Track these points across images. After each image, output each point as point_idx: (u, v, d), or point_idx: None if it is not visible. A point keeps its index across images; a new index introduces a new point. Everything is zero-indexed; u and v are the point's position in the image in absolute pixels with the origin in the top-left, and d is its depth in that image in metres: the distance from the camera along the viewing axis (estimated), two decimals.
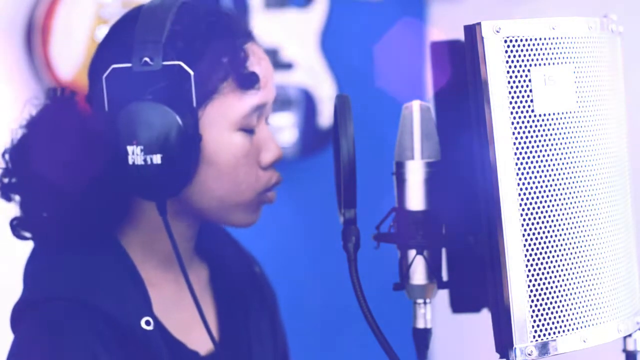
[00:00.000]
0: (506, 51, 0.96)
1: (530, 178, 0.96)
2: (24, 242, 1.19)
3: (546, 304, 0.96)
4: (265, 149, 1.20)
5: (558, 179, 0.96)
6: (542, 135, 0.96)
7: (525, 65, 0.96)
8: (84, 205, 1.14)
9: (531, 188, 0.95)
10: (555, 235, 0.96)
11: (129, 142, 1.09)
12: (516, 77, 0.96)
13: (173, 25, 1.13)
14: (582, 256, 0.97)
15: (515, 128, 0.95)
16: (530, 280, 0.95)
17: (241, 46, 1.16)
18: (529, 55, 0.96)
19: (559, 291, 0.96)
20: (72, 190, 1.12)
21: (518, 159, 0.95)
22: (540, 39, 0.96)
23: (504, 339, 0.96)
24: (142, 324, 1.13)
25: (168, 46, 1.12)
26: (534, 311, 0.96)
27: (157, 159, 1.09)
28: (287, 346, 1.42)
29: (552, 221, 0.96)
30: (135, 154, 1.09)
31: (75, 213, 1.14)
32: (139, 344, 1.12)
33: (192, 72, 1.10)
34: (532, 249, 0.96)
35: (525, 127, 0.96)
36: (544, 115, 0.96)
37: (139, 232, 1.20)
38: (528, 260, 0.95)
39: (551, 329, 0.96)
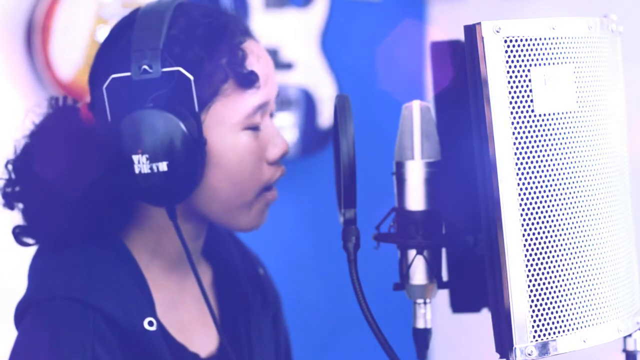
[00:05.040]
0: (506, 51, 0.95)
1: (530, 178, 0.95)
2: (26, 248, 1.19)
3: (546, 304, 0.96)
4: (272, 144, 1.19)
5: (558, 179, 0.96)
6: (542, 135, 0.96)
7: (525, 65, 0.96)
8: (88, 212, 1.13)
9: (531, 188, 0.95)
10: (555, 235, 0.96)
11: (134, 152, 1.09)
12: (516, 77, 0.96)
13: (169, 30, 1.13)
14: (582, 256, 0.97)
15: (515, 128, 0.95)
16: (530, 281, 0.95)
17: (239, 46, 1.16)
18: (529, 55, 0.96)
19: (559, 291, 0.96)
20: (76, 198, 1.12)
21: (518, 159, 0.95)
22: (540, 39, 0.96)
23: (504, 339, 0.96)
24: (145, 324, 1.13)
25: (166, 52, 1.11)
26: (534, 311, 0.95)
27: (163, 166, 1.09)
28: (290, 348, 1.42)
29: (552, 221, 0.96)
30: (141, 163, 1.09)
31: (79, 220, 1.14)
32: (140, 344, 1.12)
33: (192, 77, 1.10)
34: (532, 249, 0.95)
35: (525, 127, 0.95)
36: (544, 115, 0.96)
37: (144, 234, 1.20)
38: (528, 261, 0.95)
39: (551, 329, 0.96)
